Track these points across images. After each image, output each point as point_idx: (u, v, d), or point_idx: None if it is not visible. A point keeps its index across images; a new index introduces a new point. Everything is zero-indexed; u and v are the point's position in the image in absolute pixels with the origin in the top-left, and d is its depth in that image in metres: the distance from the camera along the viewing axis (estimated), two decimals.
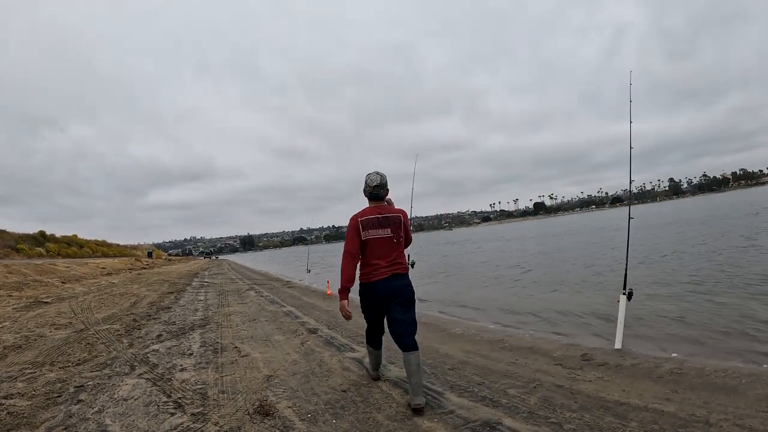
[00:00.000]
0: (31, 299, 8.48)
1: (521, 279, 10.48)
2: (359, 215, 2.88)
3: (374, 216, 2.86)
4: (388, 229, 2.85)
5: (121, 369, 3.77)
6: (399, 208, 3.02)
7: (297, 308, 7.61)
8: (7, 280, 11.50)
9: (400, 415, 2.59)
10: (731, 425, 2.28)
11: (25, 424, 2.60)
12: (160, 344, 4.75)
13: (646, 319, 5.34)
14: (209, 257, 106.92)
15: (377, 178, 2.89)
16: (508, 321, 6.19)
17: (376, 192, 2.91)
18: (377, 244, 2.83)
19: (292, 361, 3.93)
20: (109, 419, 2.66)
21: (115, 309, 7.52)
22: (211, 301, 8.93)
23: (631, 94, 4.43)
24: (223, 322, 6.21)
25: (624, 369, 3.40)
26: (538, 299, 7.53)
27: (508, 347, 4.36)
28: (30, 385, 3.33)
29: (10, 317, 6.41)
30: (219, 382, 3.32)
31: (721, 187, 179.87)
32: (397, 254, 2.89)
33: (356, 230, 2.83)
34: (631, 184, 4.51)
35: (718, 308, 5.50)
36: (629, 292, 4.07)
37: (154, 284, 13.50)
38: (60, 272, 15.31)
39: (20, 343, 4.75)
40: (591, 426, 2.35)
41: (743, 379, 2.97)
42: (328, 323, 5.93)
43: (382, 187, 2.91)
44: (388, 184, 2.95)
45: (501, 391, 2.95)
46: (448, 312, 7.24)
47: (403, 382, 3.17)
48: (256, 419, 2.58)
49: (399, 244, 2.90)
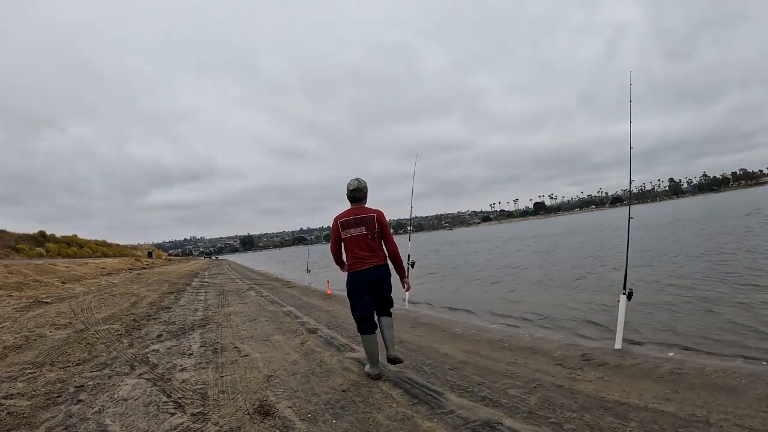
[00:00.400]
0: (31, 299, 8.48)
1: (521, 279, 10.48)
2: (339, 217, 3.39)
3: (351, 217, 3.34)
4: (363, 227, 3.31)
5: (121, 369, 3.77)
6: (376, 208, 3.41)
7: (297, 308, 7.61)
8: (7, 280, 11.51)
9: (400, 415, 2.58)
10: (731, 425, 2.28)
11: (25, 424, 2.60)
12: (160, 344, 4.75)
13: (646, 318, 5.35)
14: (209, 257, 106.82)
15: (354, 183, 3.37)
16: (507, 321, 6.19)
17: (353, 195, 3.37)
18: (355, 241, 3.31)
19: (292, 361, 3.93)
20: (109, 419, 2.66)
21: (115, 309, 7.52)
22: (211, 301, 8.93)
23: (631, 94, 4.43)
24: (223, 322, 6.21)
25: (624, 369, 3.40)
26: (537, 299, 7.53)
27: (508, 347, 4.36)
28: (30, 385, 3.33)
29: (10, 317, 6.41)
30: (219, 382, 3.32)
31: (721, 187, 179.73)
32: (377, 247, 3.33)
33: (336, 231, 3.39)
34: (631, 184, 4.51)
35: (719, 308, 5.50)
36: (629, 292, 4.07)
37: (154, 284, 13.50)
38: (60, 272, 15.31)
39: (20, 343, 4.75)
40: (591, 426, 2.35)
41: (743, 379, 2.97)
42: (328, 323, 5.93)
43: (358, 191, 3.36)
44: (366, 188, 3.42)
45: (501, 391, 2.95)
46: (447, 312, 7.24)
47: (403, 382, 3.19)
48: (256, 419, 2.58)
49: (375, 239, 3.33)
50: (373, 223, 3.31)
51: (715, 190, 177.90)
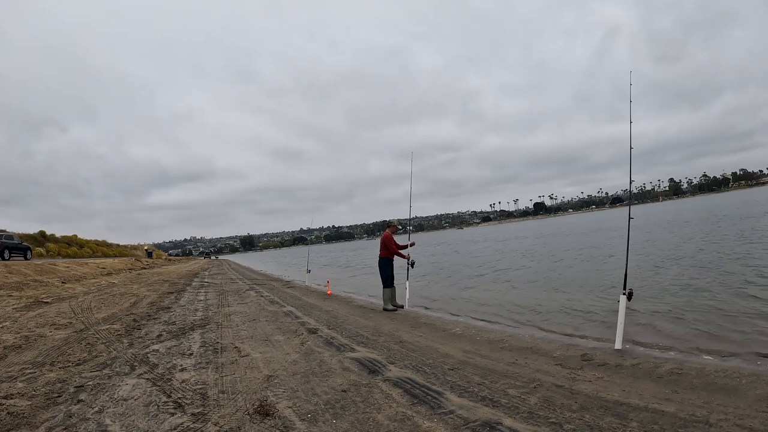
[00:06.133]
0: (31, 299, 8.48)
1: (521, 279, 10.48)
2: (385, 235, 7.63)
3: (382, 237, 7.62)
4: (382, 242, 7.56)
5: (121, 369, 3.77)
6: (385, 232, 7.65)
7: (297, 308, 7.62)
8: (7, 280, 11.51)
9: (400, 415, 2.58)
10: (731, 425, 2.28)
11: (25, 424, 2.60)
12: (160, 344, 4.75)
13: (646, 319, 5.34)
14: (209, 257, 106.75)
15: (387, 222, 7.87)
16: (508, 321, 6.19)
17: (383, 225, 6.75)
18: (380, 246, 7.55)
19: (292, 361, 3.93)
20: (109, 419, 2.66)
21: (115, 309, 7.52)
22: (211, 301, 8.93)
23: (631, 94, 4.44)
24: (223, 322, 6.21)
25: (624, 369, 3.40)
26: (537, 299, 7.53)
27: (508, 347, 4.36)
28: (30, 385, 3.32)
29: (10, 317, 6.40)
30: (219, 382, 3.32)
31: (721, 188, 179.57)
32: (384, 251, 7.49)
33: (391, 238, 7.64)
34: (631, 184, 4.51)
35: (719, 308, 5.50)
36: (629, 293, 4.07)
37: (154, 284, 13.50)
38: (60, 272, 15.32)
39: (20, 343, 4.75)
40: (591, 426, 2.35)
41: (743, 379, 2.97)
42: (328, 323, 5.93)
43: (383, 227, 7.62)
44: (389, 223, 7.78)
45: (501, 391, 2.95)
46: (448, 312, 7.24)
47: (403, 382, 3.19)
48: (256, 419, 2.58)
49: (385, 248, 7.49)
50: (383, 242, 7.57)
51: (715, 190, 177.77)
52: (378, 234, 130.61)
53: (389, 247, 7.43)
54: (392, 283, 7.43)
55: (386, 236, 7.52)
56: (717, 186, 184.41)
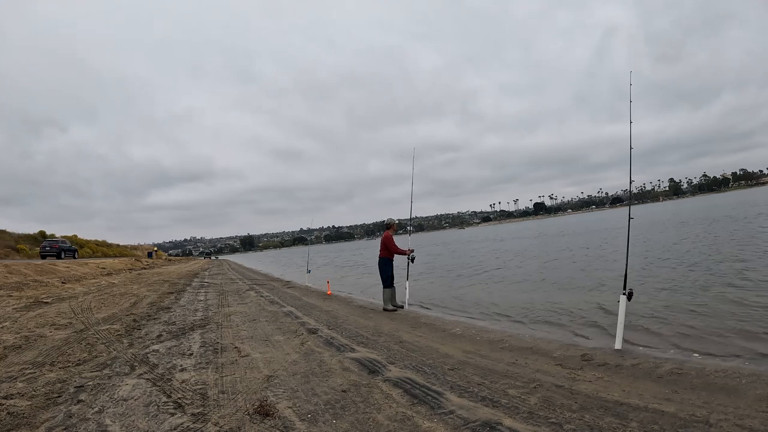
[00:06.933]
0: (31, 299, 8.48)
1: (522, 278, 10.47)
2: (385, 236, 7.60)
3: (382, 238, 7.56)
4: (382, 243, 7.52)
5: (121, 369, 3.77)
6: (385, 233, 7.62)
7: (297, 308, 7.61)
8: (7, 280, 11.51)
9: (400, 416, 2.58)
10: (731, 425, 2.28)
11: (25, 424, 2.60)
12: (160, 344, 4.75)
13: (646, 319, 5.34)
14: (209, 257, 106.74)
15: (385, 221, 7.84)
16: (508, 321, 6.19)
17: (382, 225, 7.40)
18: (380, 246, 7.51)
19: (292, 361, 3.93)
20: (109, 419, 2.66)
21: (115, 309, 7.52)
22: (211, 302, 8.93)
23: (631, 94, 4.44)
24: (223, 322, 6.21)
25: (624, 369, 3.40)
26: (537, 299, 7.52)
27: (508, 347, 4.35)
28: (30, 385, 3.32)
29: (10, 317, 6.40)
30: (219, 382, 3.32)
31: (721, 188, 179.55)
32: (384, 251, 7.46)
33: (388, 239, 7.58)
34: (631, 184, 4.51)
35: (719, 308, 5.50)
36: (629, 292, 4.07)
37: (154, 284, 13.49)
38: (60, 272, 15.31)
39: (20, 343, 4.75)
40: (591, 426, 2.35)
41: (743, 379, 2.97)
42: (328, 323, 5.93)
43: (383, 227, 7.67)
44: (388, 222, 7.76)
45: (501, 391, 2.95)
46: (448, 312, 7.24)
47: (403, 382, 3.19)
48: (256, 419, 2.58)
49: (385, 248, 7.44)
50: (383, 242, 7.53)
51: (715, 190, 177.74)
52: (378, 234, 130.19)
53: (389, 247, 7.44)
54: (392, 283, 7.43)
55: (386, 236, 7.52)
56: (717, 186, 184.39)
